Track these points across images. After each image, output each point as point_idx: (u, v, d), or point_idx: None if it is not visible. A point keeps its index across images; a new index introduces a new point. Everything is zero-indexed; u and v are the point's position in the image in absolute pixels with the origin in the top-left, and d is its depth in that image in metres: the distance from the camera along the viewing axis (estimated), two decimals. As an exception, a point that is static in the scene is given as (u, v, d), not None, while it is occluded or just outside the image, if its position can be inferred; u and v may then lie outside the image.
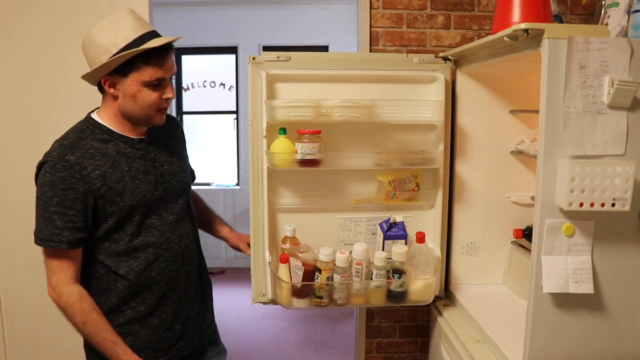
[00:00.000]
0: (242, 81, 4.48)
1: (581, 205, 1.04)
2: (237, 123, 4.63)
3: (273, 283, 1.47)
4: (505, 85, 1.59)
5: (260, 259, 1.54)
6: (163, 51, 1.15)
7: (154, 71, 1.15)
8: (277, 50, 1.51)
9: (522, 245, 1.60)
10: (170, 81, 1.21)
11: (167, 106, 1.24)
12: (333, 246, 1.48)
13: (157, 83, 1.17)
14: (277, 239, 1.56)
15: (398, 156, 1.51)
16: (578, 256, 1.10)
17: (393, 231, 1.52)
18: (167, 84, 1.20)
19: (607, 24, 1.26)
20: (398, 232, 1.52)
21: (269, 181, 1.50)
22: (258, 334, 3.27)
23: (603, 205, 1.04)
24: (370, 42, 1.86)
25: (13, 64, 1.78)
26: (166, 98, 1.20)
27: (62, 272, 1.15)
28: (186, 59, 4.65)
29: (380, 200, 1.55)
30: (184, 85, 4.67)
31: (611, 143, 1.06)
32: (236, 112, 4.65)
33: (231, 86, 4.69)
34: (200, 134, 4.75)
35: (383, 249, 1.52)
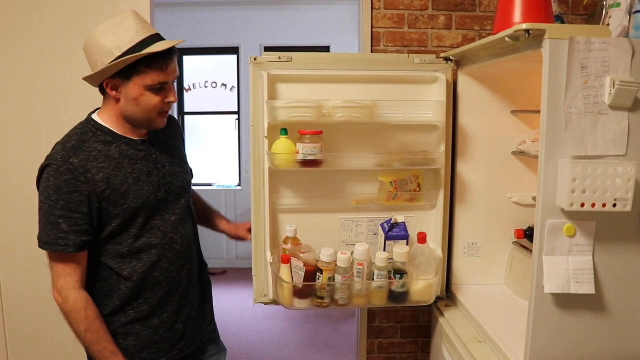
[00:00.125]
0: (244, 81, 4.48)
1: (582, 205, 1.04)
2: (239, 123, 4.64)
3: (274, 283, 1.47)
4: (506, 85, 1.59)
5: (261, 260, 1.55)
6: (166, 55, 1.14)
7: (157, 75, 1.14)
8: (279, 50, 1.51)
9: (523, 245, 1.60)
10: (172, 85, 1.20)
11: (169, 109, 1.24)
12: (334, 246, 1.48)
13: (160, 87, 1.16)
14: (279, 239, 1.57)
15: (399, 156, 1.51)
16: (579, 256, 1.10)
17: (394, 231, 1.52)
18: (170, 88, 1.19)
19: (608, 24, 1.26)
20: (399, 233, 1.52)
21: (270, 181, 1.50)
22: (259, 334, 3.27)
23: (604, 205, 1.04)
24: (371, 43, 1.86)
25: (14, 65, 1.78)
26: (168, 102, 1.20)
27: (69, 276, 1.15)
28: (187, 60, 4.65)
29: (381, 200, 1.55)
30: (186, 85, 4.68)
31: (612, 143, 1.06)
32: (237, 113, 4.65)
33: (232, 86, 4.69)
34: (201, 135, 4.75)
35: (384, 249, 1.52)
